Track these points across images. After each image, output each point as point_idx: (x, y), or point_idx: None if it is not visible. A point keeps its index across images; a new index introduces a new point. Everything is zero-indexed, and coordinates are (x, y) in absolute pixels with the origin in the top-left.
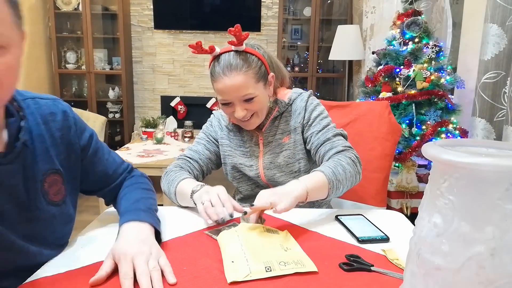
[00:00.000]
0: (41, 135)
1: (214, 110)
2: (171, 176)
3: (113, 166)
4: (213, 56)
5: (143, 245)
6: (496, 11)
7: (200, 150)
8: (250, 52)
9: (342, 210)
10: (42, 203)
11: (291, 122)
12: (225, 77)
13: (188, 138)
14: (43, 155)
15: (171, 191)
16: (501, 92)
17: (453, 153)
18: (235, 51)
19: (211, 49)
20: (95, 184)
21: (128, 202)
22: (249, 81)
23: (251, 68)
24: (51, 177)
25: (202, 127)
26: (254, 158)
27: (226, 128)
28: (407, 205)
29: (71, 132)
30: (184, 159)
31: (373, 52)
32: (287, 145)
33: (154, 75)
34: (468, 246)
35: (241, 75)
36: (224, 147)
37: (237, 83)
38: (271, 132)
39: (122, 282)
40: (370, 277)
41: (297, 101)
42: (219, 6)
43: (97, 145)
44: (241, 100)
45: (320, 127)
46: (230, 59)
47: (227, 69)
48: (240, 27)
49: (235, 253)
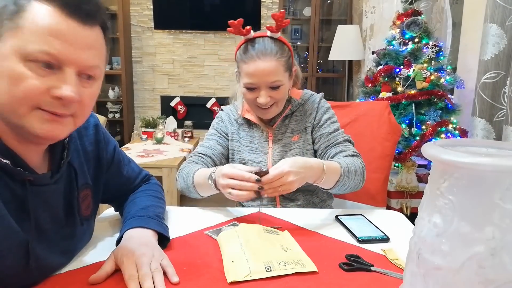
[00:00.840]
0: (77, 150)
1: (223, 106)
2: (185, 171)
3: (132, 177)
4: (245, 39)
5: (145, 247)
6: (496, 11)
7: (213, 146)
8: (283, 41)
9: (342, 210)
10: (76, 219)
11: (302, 122)
12: (258, 60)
13: (188, 138)
14: (79, 170)
15: (189, 185)
16: (501, 92)
17: (453, 153)
18: (270, 37)
19: (247, 31)
20: (113, 195)
21: (137, 207)
22: (280, 68)
23: (284, 56)
24: (84, 192)
25: (211, 124)
26: (264, 154)
27: (236, 122)
28: (407, 205)
29: (100, 146)
30: (197, 156)
31: (373, 52)
32: (296, 143)
33: (154, 75)
34: (468, 246)
35: (274, 61)
36: (234, 142)
37: (269, 68)
38: (281, 130)
39: (128, 283)
40: (370, 277)
41: (308, 102)
42: (219, 6)
43: (119, 157)
44: (268, 86)
45: (330, 130)
46: (266, 43)
47: (261, 53)
48: (285, 13)
49: (235, 253)
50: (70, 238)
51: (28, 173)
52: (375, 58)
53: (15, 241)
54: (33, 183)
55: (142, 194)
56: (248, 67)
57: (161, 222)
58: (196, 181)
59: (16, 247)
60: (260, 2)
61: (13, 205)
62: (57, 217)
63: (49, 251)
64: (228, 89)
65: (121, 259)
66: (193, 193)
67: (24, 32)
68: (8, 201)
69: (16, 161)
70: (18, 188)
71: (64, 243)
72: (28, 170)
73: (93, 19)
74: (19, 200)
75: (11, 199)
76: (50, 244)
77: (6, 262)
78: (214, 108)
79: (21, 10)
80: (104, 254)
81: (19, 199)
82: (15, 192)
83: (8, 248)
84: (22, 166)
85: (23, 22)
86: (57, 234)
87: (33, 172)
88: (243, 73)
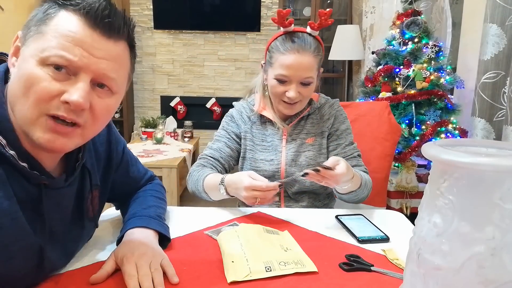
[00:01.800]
0: (89, 150)
1: (234, 102)
2: (195, 176)
3: (137, 177)
4: (284, 31)
5: (145, 247)
6: (496, 11)
7: (221, 148)
8: (319, 40)
9: (342, 210)
10: (84, 220)
11: (318, 125)
12: (297, 54)
13: (187, 138)
14: (92, 171)
15: (200, 190)
16: (501, 92)
17: (453, 153)
18: (309, 33)
19: (289, 23)
20: (117, 195)
21: (139, 207)
22: (314, 66)
23: (319, 55)
24: (93, 193)
25: (221, 123)
26: (277, 153)
27: (249, 120)
28: (406, 205)
29: (111, 146)
30: (205, 158)
31: (373, 52)
32: (311, 146)
33: (154, 75)
34: (468, 246)
35: (311, 57)
36: (247, 141)
37: (306, 63)
38: (295, 130)
39: (127, 282)
40: (370, 277)
41: (325, 106)
42: (219, 6)
43: (127, 157)
44: (300, 81)
45: (347, 142)
46: (306, 38)
47: (301, 47)
48: (331, 11)
49: (235, 253)
50: (76, 240)
51: (44, 177)
52: (375, 58)
53: (27, 243)
54: (48, 186)
55: (144, 194)
56: (286, 59)
57: (162, 222)
58: (206, 187)
59: (27, 249)
60: (260, 2)
61: (27, 206)
62: (66, 218)
63: (57, 253)
64: (228, 89)
65: (121, 259)
66: (205, 197)
67: (47, 37)
68: (23, 202)
69: (33, 164)
70: (34, 191)
71: (70, 245)
72: (44, 174)
73: (118, 34)
74: (33, 202)
75: (26, 200)
76: (59, 246)
77: (15, 262)
78: (214, 108)
79: (48, 18)
80: (104, 254)
81: (34, 201)
82: (31, 194)
83: (19, 249)
84: (38, 170)
85: (47, 29)
86: (65, 236)
87: (49, 176)
88: (278, 64)
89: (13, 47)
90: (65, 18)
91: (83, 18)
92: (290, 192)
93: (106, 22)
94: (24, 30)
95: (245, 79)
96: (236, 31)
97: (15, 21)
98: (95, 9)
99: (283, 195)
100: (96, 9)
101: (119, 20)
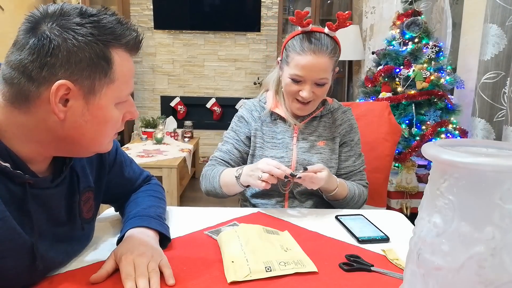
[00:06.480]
0: None
1: (245, 100)
2: (209, 175)
3: (133, 178)
4: (302, 30)
5: (144, 247)
6: (496, 11)
7: (230, 150)
8: (336, 41)
9: (342, 210)
10: (78, 222)
11: (330, 130)
12: (313, 55)
13: (188, 138)
14: (81, 173)
15: (216, 187)
16: (501, 92)
17: (453, 153)
18: (327, 34)
19: (307, 23)
20: (114, 196)
21: (139, 207)
22: (330, 67)
23: (336, 56)
24: (86, 195)
25: (231, 123)
26: (288, 151)
27: (259, 119)
28: (407, 205)
29: None
30: (215, 160)
31: (373, 52)
32: (322, 149)
33: (154, 75)
34: (468, 246)
35: (327, 58)
36: (257, 139)
37: (322, 65)
38: (307, 129)
39: (124, 282)
40: (370, 277)
41: (338, 112)
42: (219, 6)
43: (121, 158)
44: (314, 81)
45: (357, 154)
46: (324, 39)
47: (318, 49)
48: (350, 14)
49: (235, 253)
50: (71, 240)
51: (28, 176)
52: (375, 58)
53: (18, 242)
54: (33, 186)
55: (143, 194)
56: (301, 59)
57: (162, 222)
58: (222, 181)
59: (19, 248)
60: (260, 2)
61: (13, 207)
62: (58, 219)
63: (51, 252)
64: (228, 89)
65: (120, 258)
66: (219, 194)
67: (118, 84)
68: (8, 203)
69: (17, 164)
70: (18, 191)
71: (65, 245)
72: (28, 173)
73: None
74: (18, 202)
75: (10, 201)
76: (52, 245)
77: (8, 262)
78: (214, 108)
79: (111, 64)
80: (104, 254)
81: (19, 201)
82: (15, 194)
83: (10, 249)
84: (22, 169)
85: (116, 76)
86: (58, 236)
87: (33, 175)
88: (293, 64)
89: (58, 96)
90: (121, 58)
91: (126, 50)
92: (296, 192)
93: (139, 48)
94: (72, 76)
95: (245, 79)
96: (236, 31)
97: (15, 21)
98: (134, 40)
99: (287, 196)
100: (135, 38)
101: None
